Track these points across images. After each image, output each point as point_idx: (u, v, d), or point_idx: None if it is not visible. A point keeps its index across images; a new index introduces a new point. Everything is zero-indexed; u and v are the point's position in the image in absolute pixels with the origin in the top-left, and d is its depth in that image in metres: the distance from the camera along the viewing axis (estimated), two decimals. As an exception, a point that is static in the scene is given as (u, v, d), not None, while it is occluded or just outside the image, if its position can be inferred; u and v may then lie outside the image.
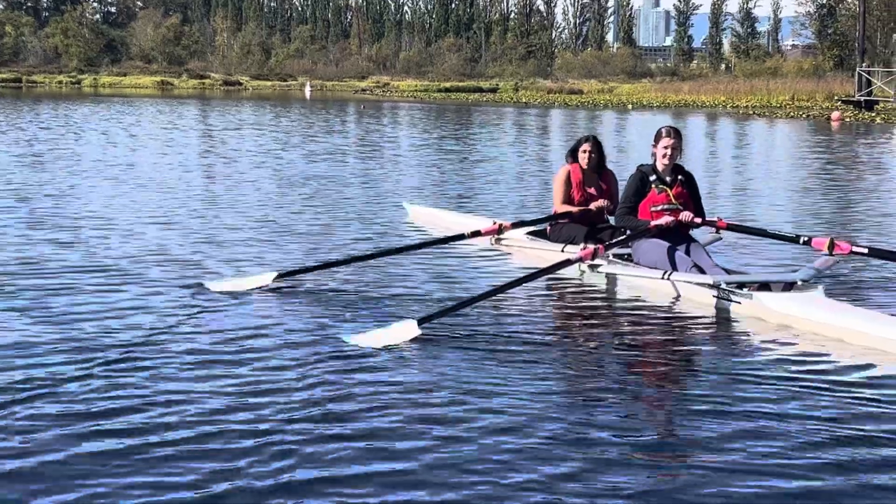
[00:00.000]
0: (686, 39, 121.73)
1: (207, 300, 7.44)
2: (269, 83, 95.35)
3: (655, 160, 8.10)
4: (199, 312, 7.07)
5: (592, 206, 9.03)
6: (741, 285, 7.29)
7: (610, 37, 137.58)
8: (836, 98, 50.83)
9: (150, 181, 15.63)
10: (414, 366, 5.86)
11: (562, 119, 42.17)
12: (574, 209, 9.07)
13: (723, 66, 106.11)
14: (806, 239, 7.75)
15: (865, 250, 7.68)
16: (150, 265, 8.74)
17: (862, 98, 46.16)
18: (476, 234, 9.07)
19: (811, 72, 71.78)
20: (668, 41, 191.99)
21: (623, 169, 9.74)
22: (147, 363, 5.82)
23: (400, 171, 18.52)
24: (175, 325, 6.71)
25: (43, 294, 7.51)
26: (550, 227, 9.29)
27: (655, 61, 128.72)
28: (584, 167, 9.19)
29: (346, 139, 27.41)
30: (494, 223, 9.33)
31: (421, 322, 6.46)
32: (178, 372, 5.68)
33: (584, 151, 9.19)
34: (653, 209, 7.98)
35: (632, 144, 25.17)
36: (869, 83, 47.52)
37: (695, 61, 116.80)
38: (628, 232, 8.09)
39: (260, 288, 7.79)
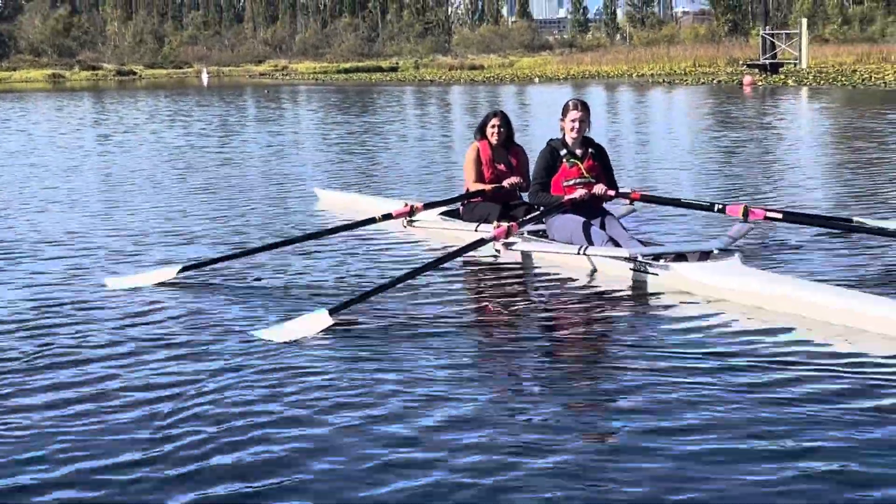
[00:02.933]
0: (581, 10, 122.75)
1: (107, 298, 7.14)
2: (164, 72, 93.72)
3: (564, 134, 7.98)
4: (98, 312, 6.77)
5: (505, 183, 8.86)
6: (657, 257, 7.21)
7: (505, 11, 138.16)
8: (741, 63, 51.44)
9: (44, 178, 15.08)
10: (327, 359, 5.61)
11: (467, 95, 42.04)
12: (486, 187, 8.91)
13: (618, 35, 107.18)
14: (720, 206, 7.68)
15: (780, 215, 7.65)
16: (45, 263, 8.42)
17: (767, 62, 46.73)
18: (387, 217, 8.83)
19: (708, 37, 72.96)
20: (563, 13, 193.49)
21: (532, 143, 9.59)
22: (42, 366, 5.55)
23: (308, 156, 18.14)
24: (73, 326, 6.41)
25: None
26: (463, 207, 9.11)
27: (552, 33, 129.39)
28: (494, 143, 9.03)
29: (250, 126, 26.91)
30: (406, 205, 9.10)
31: (333, 312, 6.23)
32: (75, 375, 5.41)
33: (493, 126, 9.02)
34: (565, 184, 7.86)
35: (539, 119, 24.97)
36: (773, 46, 48.16)
37: (590, 32, 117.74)
38: (542, 208, 7.97)
39: (163, 283, 7.50)
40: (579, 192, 7.77)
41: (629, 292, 7.01)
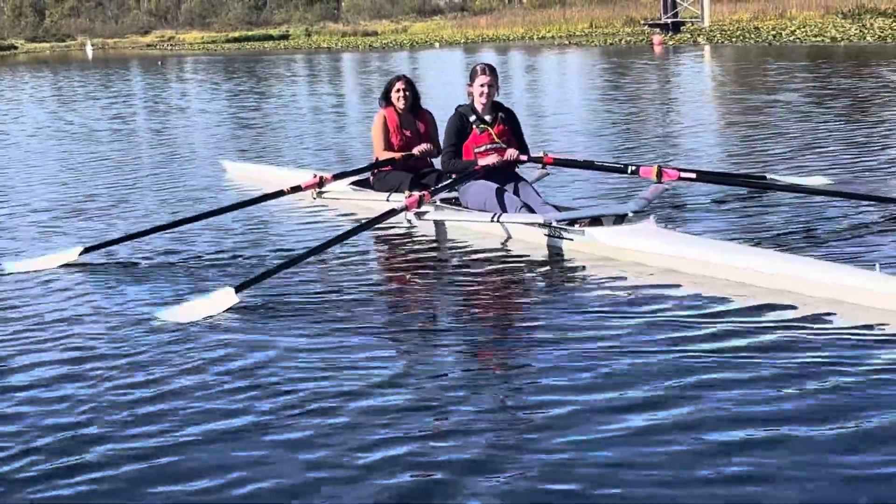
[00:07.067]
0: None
1: (6, 282, 6.88)
2: (46, 45, 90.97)
3: (473, 100, 7.86)
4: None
5: (415, 150, 8.71)
6: (572, 222, 7.15)
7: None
8: (641, 22, 51.45)
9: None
10: (233, 338, 5.43)
11: (366, 62, 41.48)
12: (396, 155, 8.75)
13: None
14: (634, 168, 7.63)
15: (694, 175, 7.63)
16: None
17: (669, 21, 46.82)
18: (296, 189, 8.61)
19: (601, -3, 73.02)
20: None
21: (438, 110, 9.43)
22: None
23: (210, 128, 17.61)
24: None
25: None
26: (373, 176, 8.95)
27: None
28: (400, 109, 8.87)
29: (145, 99, 26.17)
30: (315, 176, 8.89)
31: (238, 289, 6.04)
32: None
33: (398, 91, 8.85)
34: (476, 150, 7.75)
35: (443, 84, 24.59)
36: (675, 4, 48.26)
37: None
38: (454, 175, 7.85)
39: (65, 265, 7.25)
40: (491, 158, 7.66)
41: (544, 258, 6.95)
